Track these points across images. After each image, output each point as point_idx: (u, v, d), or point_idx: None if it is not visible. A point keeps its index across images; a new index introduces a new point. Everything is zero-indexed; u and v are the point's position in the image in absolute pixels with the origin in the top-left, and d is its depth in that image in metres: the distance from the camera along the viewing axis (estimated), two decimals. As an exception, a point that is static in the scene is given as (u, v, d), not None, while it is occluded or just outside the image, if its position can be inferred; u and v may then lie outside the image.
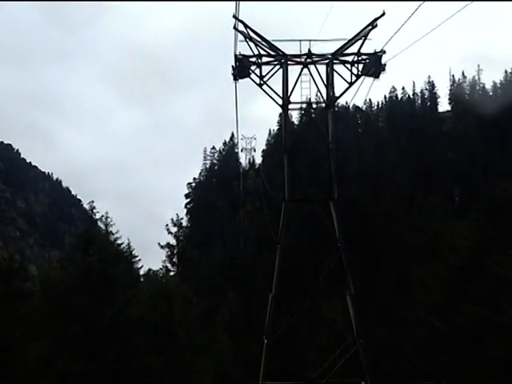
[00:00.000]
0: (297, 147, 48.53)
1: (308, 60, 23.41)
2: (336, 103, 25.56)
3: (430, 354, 26.24)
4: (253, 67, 23.56)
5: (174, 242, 74.03)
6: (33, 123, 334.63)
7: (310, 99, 25.05)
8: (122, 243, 35.11)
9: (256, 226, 65.34)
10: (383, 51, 22.19)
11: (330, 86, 23.13)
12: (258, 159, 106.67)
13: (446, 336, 25.69)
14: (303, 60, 23.50)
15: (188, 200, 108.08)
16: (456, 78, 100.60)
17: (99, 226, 32.39)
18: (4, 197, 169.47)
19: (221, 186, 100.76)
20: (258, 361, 24.60)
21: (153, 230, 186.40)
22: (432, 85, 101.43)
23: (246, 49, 23.19)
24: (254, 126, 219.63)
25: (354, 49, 22.94)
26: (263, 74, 23.58)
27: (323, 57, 23.39)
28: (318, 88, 23.40)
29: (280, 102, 23.59)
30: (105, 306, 26.40)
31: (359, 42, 22.54)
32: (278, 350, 30.18)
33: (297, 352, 40.75)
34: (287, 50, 23.45)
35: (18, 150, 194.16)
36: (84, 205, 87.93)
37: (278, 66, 23.62)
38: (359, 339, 22.27)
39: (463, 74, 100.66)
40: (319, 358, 30.75)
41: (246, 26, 22.38)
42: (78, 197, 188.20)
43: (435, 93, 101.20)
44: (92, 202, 34.52)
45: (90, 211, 32.51)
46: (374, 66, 22.45)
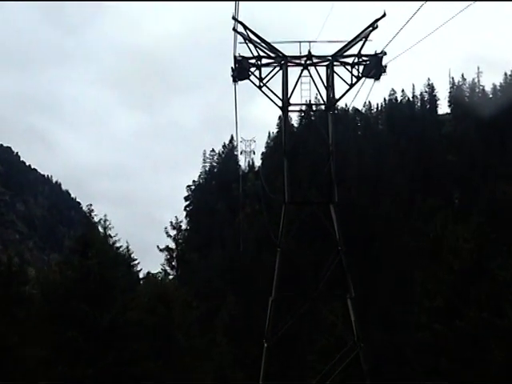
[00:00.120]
0: (296, 150, 48.35)
1: (308, 62, 23.31)
2: (336, 105, 25.45)
3: (431, 358, 26.05)
4: (252, 69, 23.44)
5: (173, 245, 73.61)
6: (32, 126, 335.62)
7: (310, 101, 24.94)
8: (121, 246, 34.80)
9: (255, 229, 65.23)
10: (384, 52, 22.08)
11: (330, 87, 23.02)
12: (258, 162, 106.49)
13: (447, 340, 25.51)
14: (303, 62, 23.40)
15: (187, 203, 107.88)
16: (456, 81, 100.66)
17: (98, 230, 32.19)
18: (3, 200, 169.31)
19: (220, 189, 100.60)
20: (257, 364, 24.44)
21: (152, 233, 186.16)
22: (432, 87, 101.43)
23: (245, 50, 23.15)
24: (254, 128, 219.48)
25: (354, 50, 22.90)
26: (263, 76, 23.51)
27: (323, 58, 23.30)
28: (318, 90, 23.30)
29: (280, 103, 23.48)
30: (103, 309, 26.19)
31: (360, 44, 22.48)
32: (278, 354, 30.03)
33: (297, 355, 40.62)
34: (287, 52, 23.41)
35: (17, 152, 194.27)
36: (83, 208, 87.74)
37: (277, 68, 23.51)
38: (360, 343, 22.12)
39: (463, 76, 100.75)
40: (319, 362, 30.57)
41: (246, 28, 22.28)
42: (77, 200, 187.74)
43: (435, 95, 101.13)
44: (90, 205, 34.43)
45: (88, 214, 32.29)
46: (374, 67, 22.35)
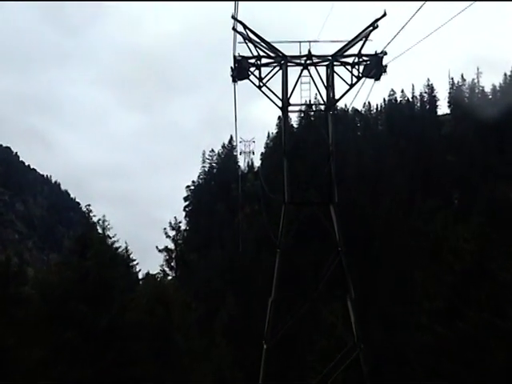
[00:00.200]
0: (296, 150, 48.22)
1: (308, 61, 23.19)
2: (336, 106, 25.35)
3: (432, 360, 25.92)
4: (252, 69, 23.31)
5: (172, 245, 73.55)
6: (31, 126, 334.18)
7: (310, 101, 24.81)
8: (120, 247, 34.71)
9: (255, 229, 65.16)
10: (384, 52, 21.95)
11: (330, 87, 22.89)
12: (257, 162, 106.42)
13: (449, 341, 25.37)
14: (303, 61, 23.28)
15: (187, 203, 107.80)
16: (455, 81, 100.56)
17: (96, 230, 32.07)
18: (3, 199, 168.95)
19: (219, 189, 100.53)
20: (257, 365, 24.31)
21: (152, 233, 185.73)
22: (431, 88, 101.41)
23: (245, 50, 23.00)
24: (253, 128, 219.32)
25: (354, 50, 22.78)
26: (262, 76, 23.36)
27: (323, 58, 23.18)
28: (318, 90, 23.17)
29: (279, 103, 23.35)
30: (102, 310, 26.06)
31: (360, 43, 22.35)
32: (277, 354, 29.88)
33: (296, 356, 40.48)
34: (287, 52, 23.27)
35: (16, 152, 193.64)
36: (83, 208, 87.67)
37: (277, 68, 23.38)
38: (360, 344, 22.01)
39: (462, 76, 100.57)
40: (319, 363, 30.43)
41: (245, 27, 22.14)
42: (76, 200, 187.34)
43: (434, 96, 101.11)
44: (88, 205, 34.29)
45: (87, 215, 32.18)
46: (375, 67, 22.23)
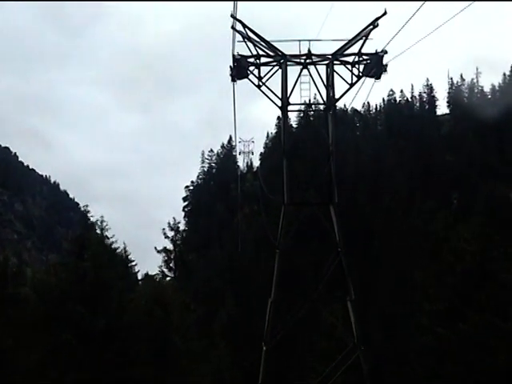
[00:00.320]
0: (295, 150, 48.04)
1: (308, 60, 23.00)
2: (335, 105, 25.12)
3: (433, 361, 25.77)
4: (251, 68, 23.10)
5: (170, 246, 73.22)
6: (31, 126, 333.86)
7: (309, 101, 24.61)
8: (118, 247, 34.49)
9: (254, 229, 65.04)
10: (385, 51, 21.76)
11: (330, 87, 22.69)
12: (256, 162, 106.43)
13: (449, 342, 25.22)
14: (303, 60, 23.09)
15: (186, 203, 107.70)
16: (455, 81, 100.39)
17: (95, 231, 31.86)
18: (1, 200, 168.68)
19: (219, 189, 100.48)
20: (256, 367, 24.15)
21: (151, 234, 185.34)
22: (430, 88, 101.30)
23: (244, 49, 22.80)
24: (252, 128, 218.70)
25: (354, 49, 22.58)
26: (262, 75, 23.14)
27: (323, 57, 22.99)
28: (317, 89, 22.98)
29: (279, 103, 23.16)
30: (100, 311, 25.89)
31: (360, 42, 22.16)
32: (277, 356, 29.71)
33: (296, 357, 40.28)
34: (286, 51, 23.07)
35: (15, 153, 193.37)
36: (82, 208, 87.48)
37: (276, 67, 23.18)
38: (360, 346, 21.84)
39: (462, 76, 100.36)
40: (319, 365, 30.27)
41: (245, 26, 21.96)
42: (75, 200, 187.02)
43: (434, 96, 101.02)
44: (86, 206, 34.09)
45: (85, 215, 31.99)
46: (375, 66, 22.04)
